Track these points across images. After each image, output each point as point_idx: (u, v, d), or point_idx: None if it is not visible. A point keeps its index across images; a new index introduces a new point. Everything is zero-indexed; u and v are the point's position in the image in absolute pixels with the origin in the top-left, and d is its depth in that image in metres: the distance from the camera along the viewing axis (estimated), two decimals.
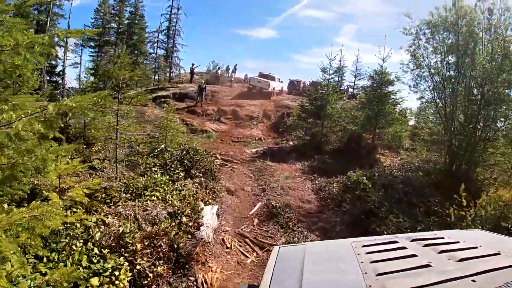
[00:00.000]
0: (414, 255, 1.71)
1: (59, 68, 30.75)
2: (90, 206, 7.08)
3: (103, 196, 7.56)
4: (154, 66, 30.69)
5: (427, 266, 1.55)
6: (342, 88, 24.80)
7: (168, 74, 31.32)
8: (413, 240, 2.03)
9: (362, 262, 1.69)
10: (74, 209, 6.69)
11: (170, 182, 8.84)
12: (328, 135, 17.11)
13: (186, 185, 8.81)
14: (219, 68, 31.76)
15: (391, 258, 1.70)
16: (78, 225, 6.00)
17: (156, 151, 11.74)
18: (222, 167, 12.57)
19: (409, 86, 15.62)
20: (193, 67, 29.11)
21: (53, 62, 30.33)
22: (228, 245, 7.28)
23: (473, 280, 1.39)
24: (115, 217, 6.92)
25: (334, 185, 11.80)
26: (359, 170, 13.32)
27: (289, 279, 1.74)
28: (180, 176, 9.29)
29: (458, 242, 1.94)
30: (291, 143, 17.88)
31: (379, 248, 1.89)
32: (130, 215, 6.98)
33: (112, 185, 8.00)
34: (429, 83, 14.95)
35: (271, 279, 1.74)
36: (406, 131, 18.41)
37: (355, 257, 1.79)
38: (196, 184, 9.18)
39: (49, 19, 27.55)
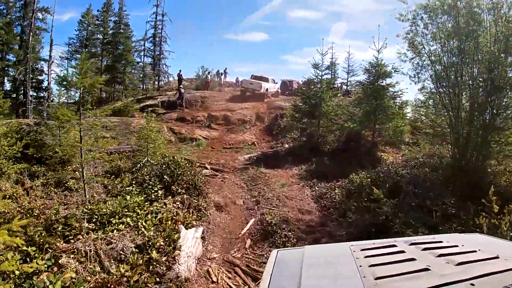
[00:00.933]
0: (413, 259, 1.63)
1: (46, 83, 29.44)
2: (43, 242, 5.73)
3: (61, 228, 6.18)
4: (141, 75, 29.32)
5: (426, 269, 1.48)
6: (335, 85, 23.49)
7: (156, 83, 29.98)
8: (412, 243, 1.95)
9: (360, 266, 1.61)
10: (24, 248, 5.38)
11: (147, 203, 7.46)
12: (325, 134, 15.72)
13: (165, 206, 7.43)
14: (208, 73, 30.32)
15: (389, 262, 1.62)
16: (17, 272, 4.64)
17: (138, 165, 10.39)
18: (212, 178, 11.18)
19: (410, 77, 14.34)
20: (180, 73, 27.63)
21: (39, 78, 29.05)
22: (214, 279, 5.87)
23: (472, 284, 1.33)
24: (72, 255, 5.55)
25: (336, 191, 10.42)
26: (362, 172, 12.00)
27: (287, 283, 1.65)
28: (159, 195, 7.89)
29: (456, 246, 1.88)
30: (286, 145, 16.50)
31: (378, 252, 1.80)
32: (90, 251, 5.60)
33: (75, 213, 6.61)
34: (431, 72, 13.69)
35: (269, 283, 1.64)
36: (406, 125, 17.02)
37: (353, 261, 1.70)
38: (178, 203, 7.78)
39: (31, 34, 26.19)
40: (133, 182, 8.61)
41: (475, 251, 1.76)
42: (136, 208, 6.90)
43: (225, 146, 16.35)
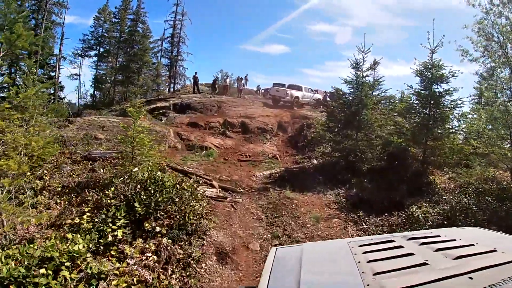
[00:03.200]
0: (411, 254, 1.58)
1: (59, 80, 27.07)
2: None
3: None
4: (155, 75, 26.48)
5: (424, 264, 1.44)
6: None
7: (172, 85, 27.04)
8: (410, 239, 1.88)
9: (359, 262, 1.57)
10: None
11: (98, 249, 4.17)
12: (365, 150, 12.15)
13: (123, 259, 4.09)
14: (227, 77, 26.91)
15: (388, 257, 1.57)
16: None
17: (122, 178, 7.20)
18: (219, 202, 7.83)
19: (483, 78, 10.88)
20: (196, 75, 24.26)
21: (52, 74, 26.70)
22: None
23: (470, 278, 1.30)
24: None
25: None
26: (423, 203, 8.58)
27: (287, 280, 1.58)
28: (119, 237, 4.55)
29: (454, 240, 1.82)
30: (314, 161, 13.02)
31: (376, 248, 1.74)
32: None
33: None
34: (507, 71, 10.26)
35: (268, 280, 1.57)
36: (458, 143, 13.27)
37: (352, 257, 1.65)
38: (150, 254, 4.42)
39: (43, 25, 23.88)
40: (91, 208, 5.36)
41: (473, 245, 1.70)
42: (65, 265, 3.60)
43: (240, 158, 13.00)
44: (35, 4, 25.14)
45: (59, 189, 7.75)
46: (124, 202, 5.16)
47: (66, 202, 6.85)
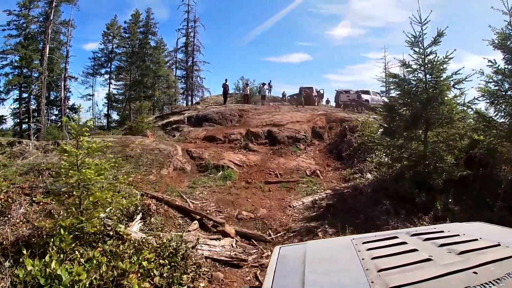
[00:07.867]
0: (415, 250, 1.49)
1: (71, 101, 24.91)
2: None
3: None
4: (165, 85, 23.65)
5: (428, 260, 1.37)
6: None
7: (190, 97, 24.13)
8: (413, 235, 1.78)
9: (363, 259, 1.48)
10: None
11: None
12: (442, 155, 8.28)
13: None
14: (247, 85, 23.41)
15: (392, 253, 1.49)
16: None
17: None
18: (234, 267, 4.38)
19: None
20: (226, 83, 21.23)
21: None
22: None
23: (475, 272, 1.23)
24: None
25: None
26: None
27: (291, 279, 1.47)
28: None
29: (458, 235, 1.72)
30: (369, 176, 9.33)
31: (380, 244, 1.65)
32: None
33: None
34: None
35: (272, 280, 1.47)
36: None
37: (356, 254, 1.56)
38: None
39: (48, 46, 21.71)
40: None
41: (477, 240, 1.61)
42: None
43: (268, 178, 9.52)
44: (41, 25, 23.23)
45: None
46: None
47: None
